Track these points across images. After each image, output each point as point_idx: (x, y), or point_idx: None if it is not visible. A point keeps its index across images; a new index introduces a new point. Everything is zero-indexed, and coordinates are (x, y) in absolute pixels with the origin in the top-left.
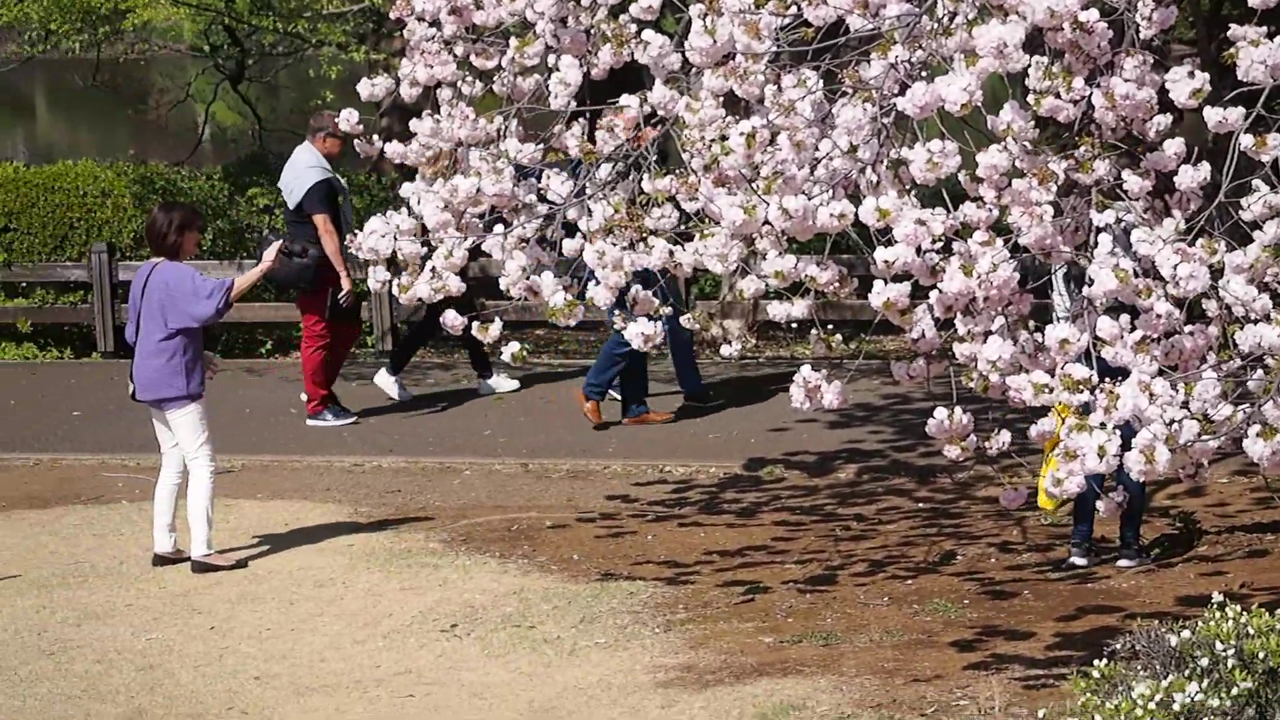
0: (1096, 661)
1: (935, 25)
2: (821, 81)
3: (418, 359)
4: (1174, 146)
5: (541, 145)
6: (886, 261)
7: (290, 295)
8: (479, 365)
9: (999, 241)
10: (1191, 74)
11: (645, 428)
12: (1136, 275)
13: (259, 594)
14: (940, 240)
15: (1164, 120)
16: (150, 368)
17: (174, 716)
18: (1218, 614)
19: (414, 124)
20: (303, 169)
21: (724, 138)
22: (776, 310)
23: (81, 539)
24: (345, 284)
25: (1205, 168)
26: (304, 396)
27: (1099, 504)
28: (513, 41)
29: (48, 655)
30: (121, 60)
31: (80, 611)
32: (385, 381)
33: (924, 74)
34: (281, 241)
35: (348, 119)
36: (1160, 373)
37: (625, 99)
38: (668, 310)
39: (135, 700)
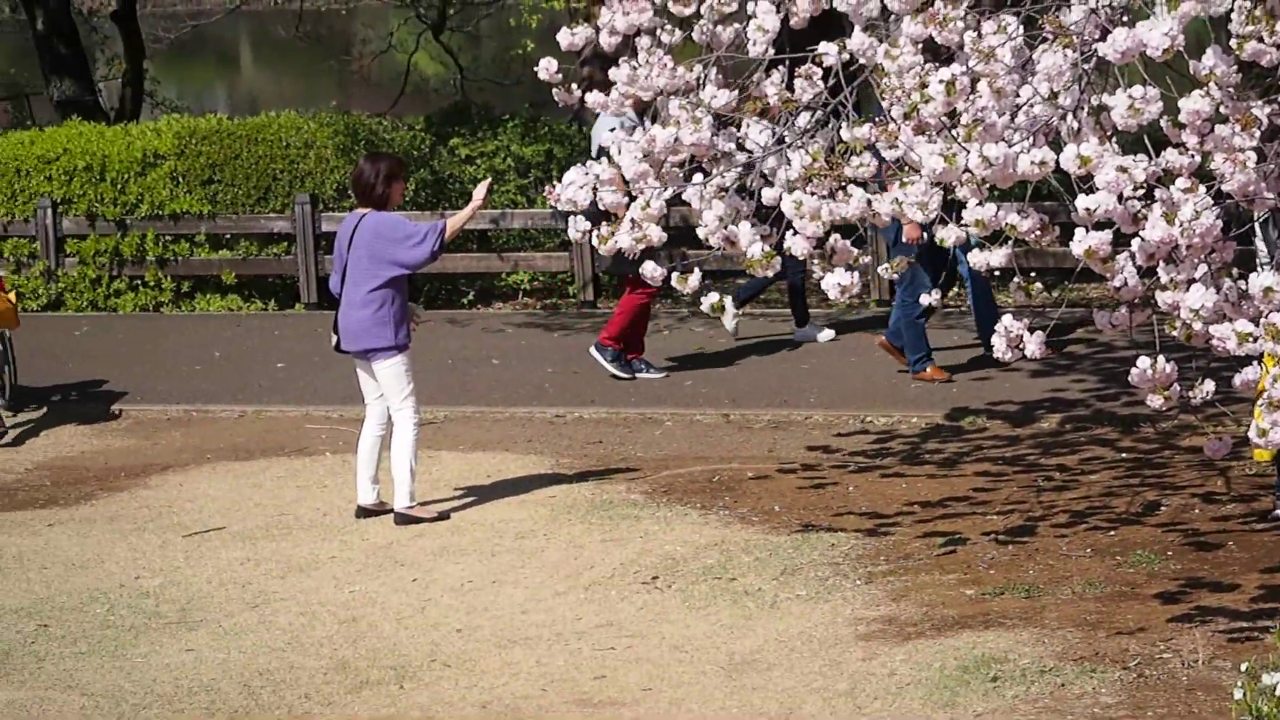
0: None
1: None
2: (1022, 27)
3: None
4: None
5: (739, 93)
6: (1088, 209)
7: (492, 246)
8: (797, 313)
9: (1202, 188)
10: None
11: (846, 377)
12: None
13: (461, 546)
14: (1142, 187)
15: None
16: (357, 318)
17: (376, 669)
18: None
19: (613, 72)
20: (606, 117)
21: (923, 85)
22: (976, 259)
23: (285, 491)
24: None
25: None
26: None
27: None
28: None
29: (252, 607)
30: (324, 10)
31: (284, 564)
32: (730, 319)
33: (1125, 19)
34: (489, 179)
35: (547, 68)
36: None
37: (824, 46)
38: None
39: (338, 652)
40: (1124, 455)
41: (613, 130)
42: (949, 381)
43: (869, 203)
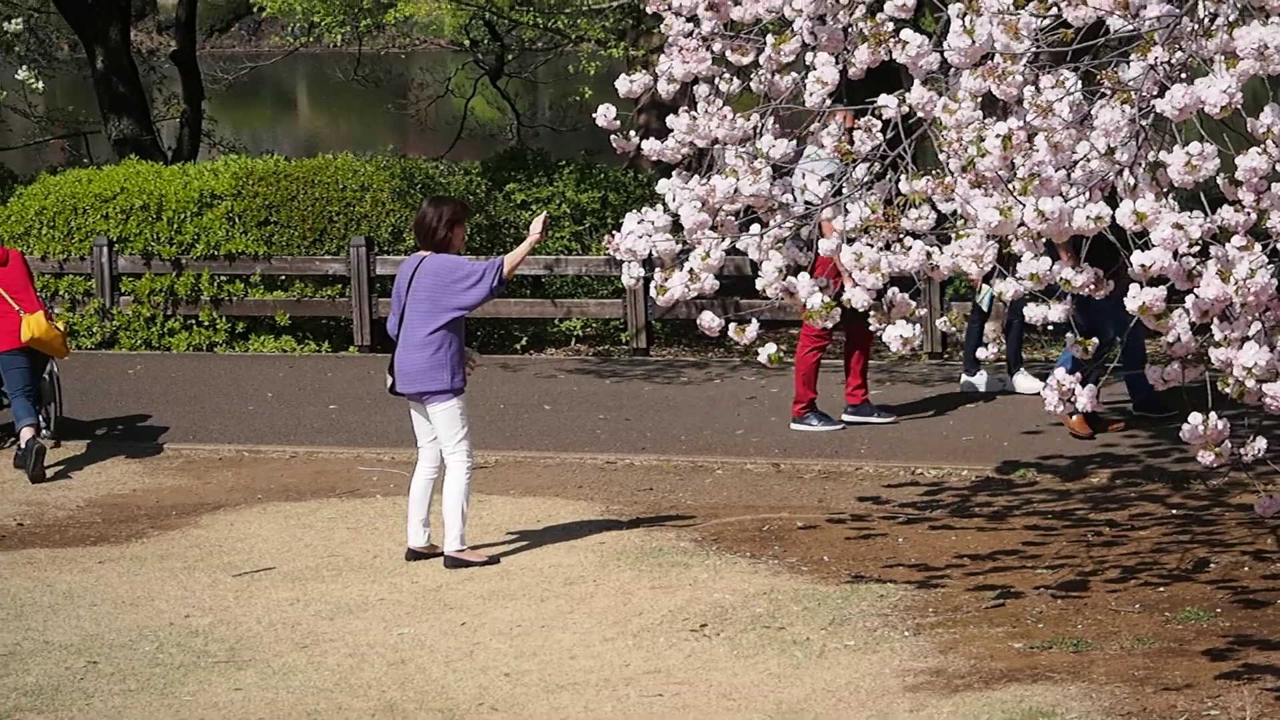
0: None
1: (1196, 26)
2: (1080, 82)
3: (672, 356)
4: None
5: (797, 144)
6: (1143, 265)
7: (545, 292)
8: (1011, 363)
9: (1257, 246)
10: None
11: (897, 429)
12: None
13: (510, 590)
14: (1198, 244)
15: None
16: (414, 360)
17: (425, 711)
18: None
19: (671, 120)
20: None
21: (981, 139)
22: (1033, 313)
23: (336, 532)
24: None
25: None
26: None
27: None
28: (769, 38)
29: (301, 648)
30: (382, 54)
31: (334, 605)
32: (1026, 384)
33: (1184, 75)
34: (545, 214)
35: (605, 115)
36: None
37: (883, 99)
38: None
39: (386, 694)
40: (1174, 512)
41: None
42: (1089, 432)
43: (928, 255)
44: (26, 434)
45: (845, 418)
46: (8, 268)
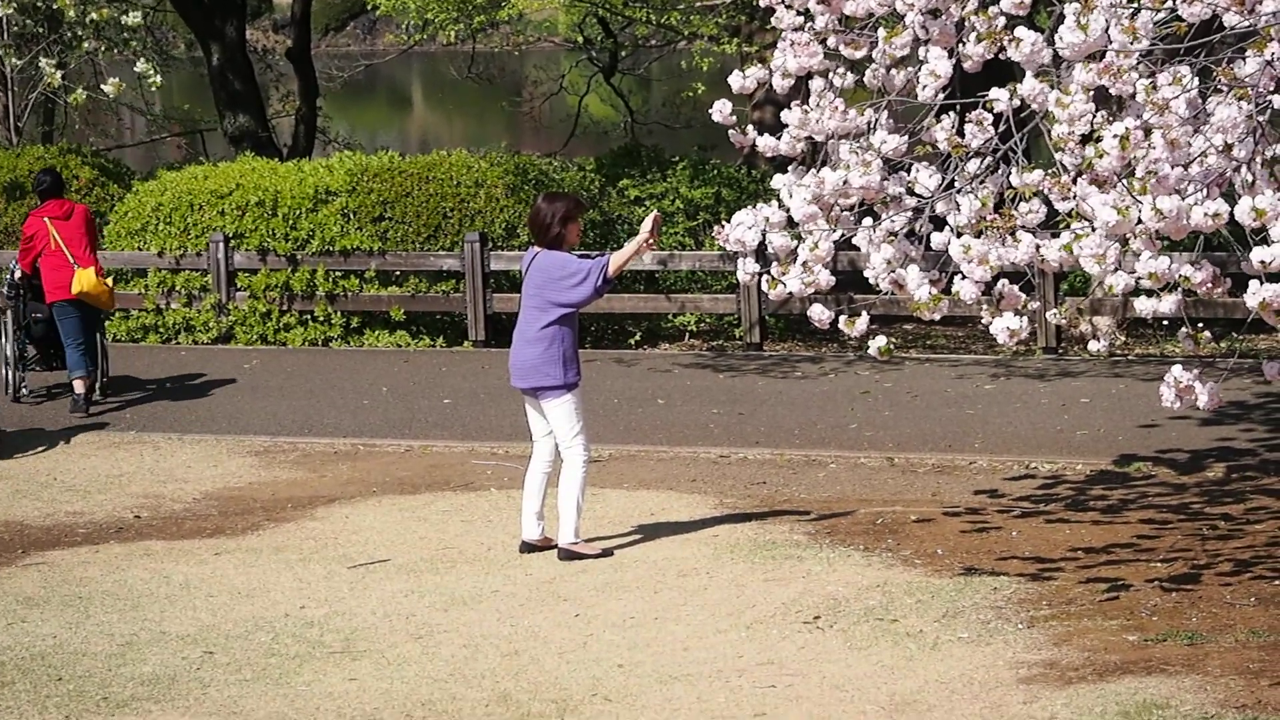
0: None
1: None
2: (1196, 79)
3: (786, 351)
4: None
5: (909, 138)
6: (1263, 261)
7: (659, 287)
8: None
9: None
10: None
11: (1011, 424)
12: None
13: (624, 582)
14: None
15: None
16: (527, 356)
17: (538, 702)
18: None
19: (785, 115)
20: None
21: (1097, 138)
22: (1144, 306)
23: (450, 525)
24: None
25: None
26: None
27: None
28: (881, 32)
29: (415, 639)
30: (496, 52)
31: (448, 597)
32: None
33: None
34: (656, 214)
35: (721, 111)
36: None
37: (995, 92)
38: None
39: (500, 685)
40: None
41: None
42: None
43: (1037, 248)
44: (79, 386)
45: None
46: (70, 222)
